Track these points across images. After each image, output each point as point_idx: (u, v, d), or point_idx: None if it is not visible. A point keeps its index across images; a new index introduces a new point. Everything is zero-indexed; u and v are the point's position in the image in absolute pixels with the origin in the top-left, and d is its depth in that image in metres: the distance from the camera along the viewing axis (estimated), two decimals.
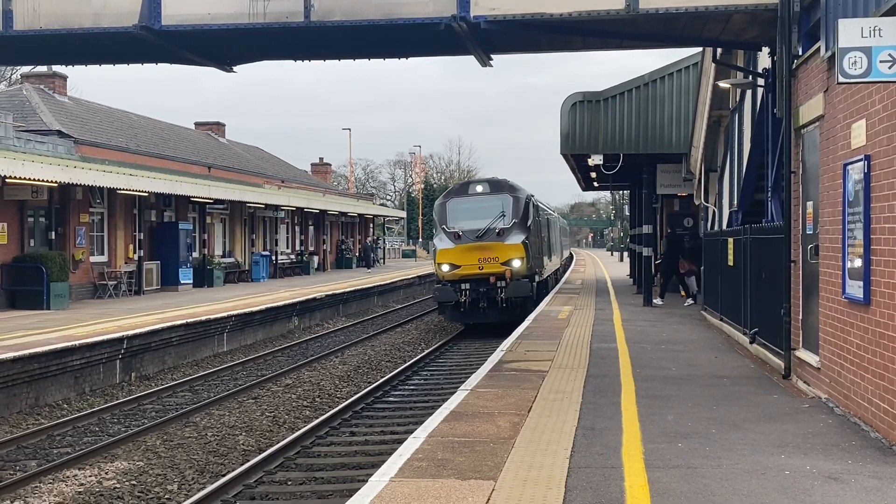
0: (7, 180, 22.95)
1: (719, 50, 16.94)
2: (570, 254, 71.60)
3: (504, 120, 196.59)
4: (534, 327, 17.50)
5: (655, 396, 10.14)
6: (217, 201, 34.80)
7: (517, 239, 23.79)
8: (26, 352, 15.18)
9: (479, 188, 25.07)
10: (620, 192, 61.04)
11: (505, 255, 23.52)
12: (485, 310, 23.68)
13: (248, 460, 11.34)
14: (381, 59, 15.07)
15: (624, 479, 6.70)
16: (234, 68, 15.33)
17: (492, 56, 14.10)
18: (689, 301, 24.08)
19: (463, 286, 23.42)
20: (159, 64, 15.49)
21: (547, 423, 8.58)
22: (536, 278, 25.60)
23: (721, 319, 17.38)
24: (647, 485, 6.54)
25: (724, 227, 19.45)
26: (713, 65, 18.26)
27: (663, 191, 27.22)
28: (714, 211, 22.55)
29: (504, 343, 14.85)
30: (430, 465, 7.10)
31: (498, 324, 23.74)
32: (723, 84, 17.67)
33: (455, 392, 10.61)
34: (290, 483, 10.54)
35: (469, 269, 23.53)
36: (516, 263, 23.54)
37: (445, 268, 23.73)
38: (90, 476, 11.23)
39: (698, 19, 12.51)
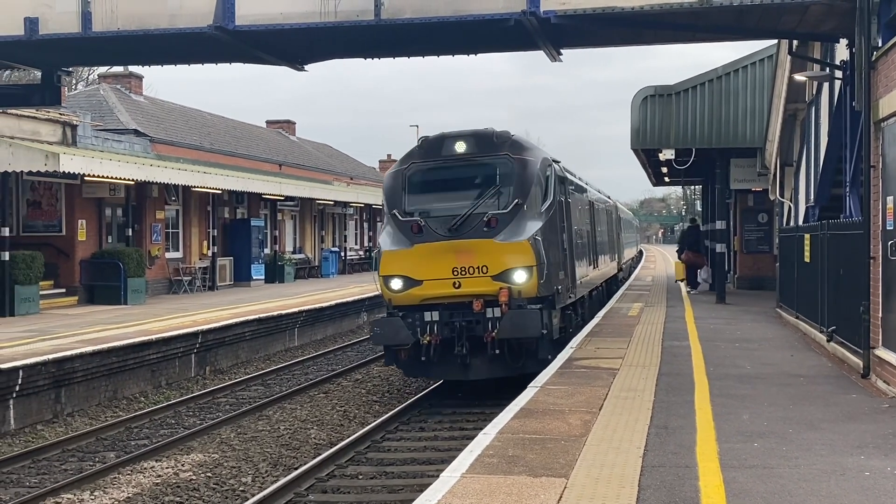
0: (86, 178, 23.56)
1: (795, 42, 16.59)
2: (640, 250, 70.65)
3: (573, 115, 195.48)
4: (603, 324, 17.35)
5: (730, 395, 9.98)
6: (288, 198, 35.23)
7: (523, 233, 13.73)
8: (105, 346, 15.57)
9: (459, 145, 14.50)
10: (692, 187, 60.15)
11: (499, 261, 13.58)
12: (465, 358, 13.70)
13: (320, 454, 11.46)
14: (450, 56, 15.08)
15: (698, 478, 6.61)
16: (306, 67, 15.50)
17: (561, 51, 14.02)
18: (691, 290, 26.83)
19: (427, 316, 13.75)
20: (232, 63, 15.74)
21: (619, 422, 8.50)
22: (560, 301, 14.87)
23: (797, 317, 17.02)
24: (723, 484, 6.44)
25: (801, 222, 19.04)
26: (789, 57, 17.90)
27: (737, 185, 26.76)
28: (789, 206, 22.11)
29: (574, 340, 14.76)
30: (501, 461, 7.09)
31: (490, 382, 14.52)
32: (799, 77, 17.30)
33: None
34: (361, 477, 10.63)
35: (436, 286, 13.70)
36: (520, 277, 13.58)
37: (396, 284, 13.89)
38: (167, 468, 11.47)
39: (773, 11, 12.28)
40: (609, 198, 30.16)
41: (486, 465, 7.00)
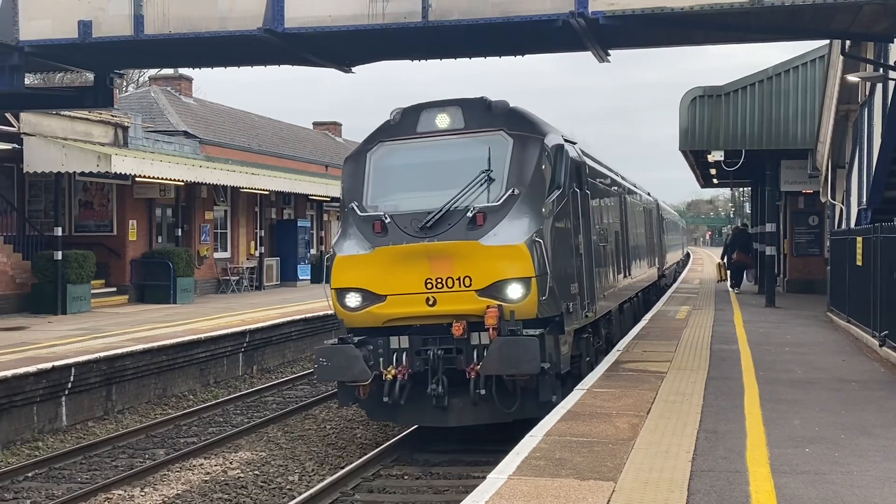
0: (137, 179, 23.91)
1: (848, 42, 16.32)
2: (688, 252, 69.90)
3: (619, 116, 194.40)
4: (650, 327, 17.21)
5: (780, 400, 9.85)
6: (334, 199, 35.43)
7: (519, 233, 10.61)
8: (155, 344, 15.78)
9: (441, 118, 11.58)
10: (741, 189, 59.46)
11: (487, 270, 10.54)
12: (441, 398, 10.72)
13: (366, 454, 11.51)
14: (497, 57, 15.05)
15: (749, 483, 6.53)
16: (353, 69, 15.57)
17: (609, 52, 13.93)
18: (736, 289, 27.16)
19: (393, 343, 10.85)
20: (281, 66, 15.86)
21: (667, 425, 8.43)
22: (572, 321, 11.60)
23: (848, 321, 16.75)
24: (774, 490, 6.36)
25: (853, 225, 18.73)
26: (841, 58, 17.61)
27: (787, 188, 26.39)
28: (841, 208, 21.76)
29: (620, 343, 14.66)
30: (548, 463, 7.06)
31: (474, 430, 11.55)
32: (851, 77, 17.02)
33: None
34: (406, 478, 10.66)
35: (404, 303, 10.75)
36: (514, 291, 10.52)
37: (352, 300, 10.94)
38: (215, 465, 11.60)
39: (826, 11, 12.09)
40: (649, 194, 26.56)
41: (533, 467, 6.98)
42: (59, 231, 21.99)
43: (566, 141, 12.35)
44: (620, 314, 17.04)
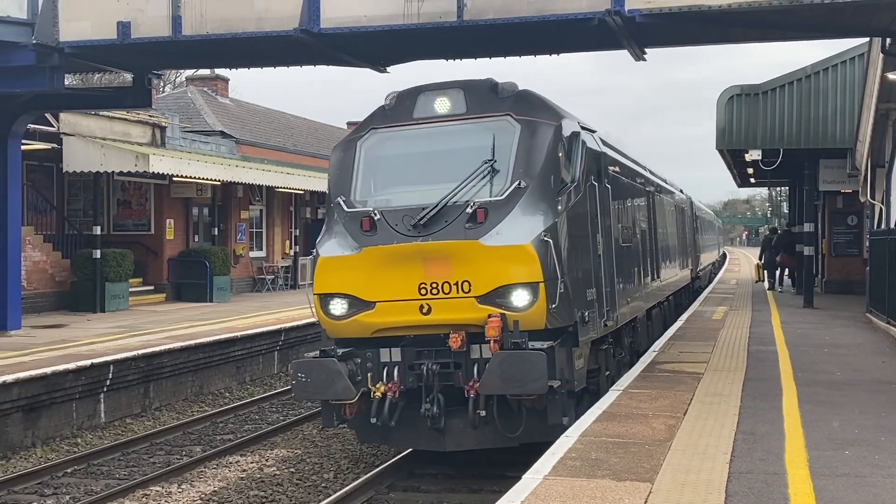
0: (174, 179, 24.15)
1: (888, 40, 16.08)
2: (724, 253, 69.23)
3: (655, 115, 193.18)
4: (687, 328, 17.08)
5: (819, 402, 9.74)
6: None
7: (525, 232, 9.44)
8: (192, 342, 15.93)
9: (441, 102, 10.43)
10: (778, 188, 58.84)
11: (488, 273, 9.38)
12: (436, 419, 9.52)
13: (400, 452, 11.52)
14: (532, 56, 15.01)
15: (787, 486, 6.46)
16: (387, 69, 15.60)
17: (646, 50, 13.84)
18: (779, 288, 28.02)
19: (384, 356, 9.76)
20: (316, 66, 15.93)
21: (704, 427, 8.36)
22: (588, 331, 10.32)
23: (888, 322, 16.52)
24: (813, 493, 6.29)
25: (892, 225, 18.47)
26: (881, 56, 17.35)
27: (826, 187, 26.08)
28: (881, 208, 21.45)
29: (656, 343, 14.56)
30: (583, 464, 7.03)
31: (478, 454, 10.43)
32: (892, 76, 16.77)
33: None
34: (440, 477, 10.66)
35: (396, 311, 9.62)
36: (519, 298, 9.35)
37: (337, 307, 9.81)
38: (251, 462, 11.68)
39: (867, 8, 11.93)
40: (682, 191, 25.29)
41: (569, 467, 6.95)
42: (97, 230, 22.27)
43: (583, 128, 11.01)
44: (648, 321, 15.66)
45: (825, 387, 10.71)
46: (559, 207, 9.73)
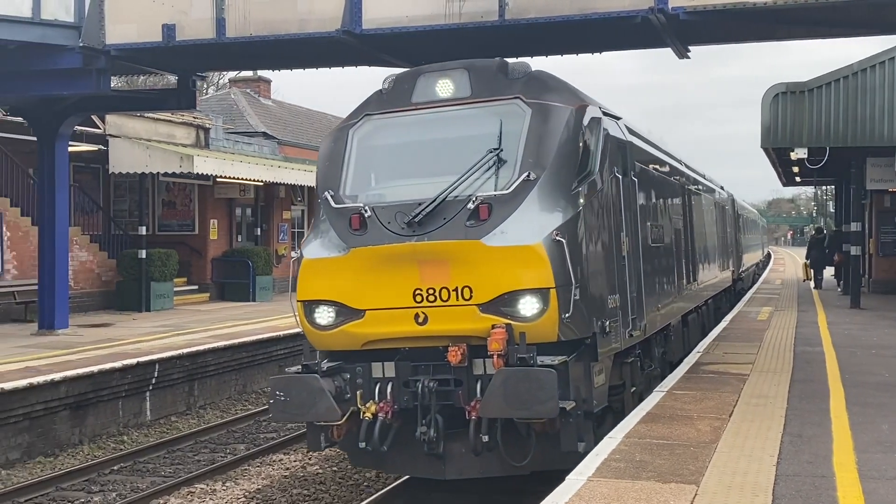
0: (218, 179, 24.38)
1: None
2: (769, 253, 68.40)
3: (698, 113, 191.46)
4: (731, 328, 16.90)
5: (867, 404, 9.58)
6: None
7: (534, 230, 8.32)
8: (236, 341, 16.07)
9: (444, 84, 9.49)
10: (824, 187, 58.01)
11: (492, 278, 8.26)
12: (433, 444, 8.42)
13: None
14: (574, 55, 14.94)
15: (836, 489, 6.36)
16: None
17: (689, 48, 13.71)
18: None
19: (376, 370, 8.72)
20: (358, 66, 15.99)
21: (750, 429, 8.26)
22: (610, 342, 9.11)
23: None
24: (862, 496, 6.18)
25: None
26: None
27: (873, 186, 25.63)
28: None
29: (700, 345, 14.42)
30: (628, 465, 6.98)
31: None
32: None
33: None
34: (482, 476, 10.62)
35: (388, 320, 8.54)
36: (527, 307, 8.22)
37: (323, 316, 8.76)
38: (294, 461, 11.75)
39: None
40: (722, 188, 23.83)
41: (613, 469, 6.90)
42: (143, 230, 22.57)
43: (605, 114, 9.89)
44: (684, 327, 14.46)
45: (873, 388, 10.54)
46: (575, 202, 8.61)
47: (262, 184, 25.47)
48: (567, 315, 8.18)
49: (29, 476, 11.24)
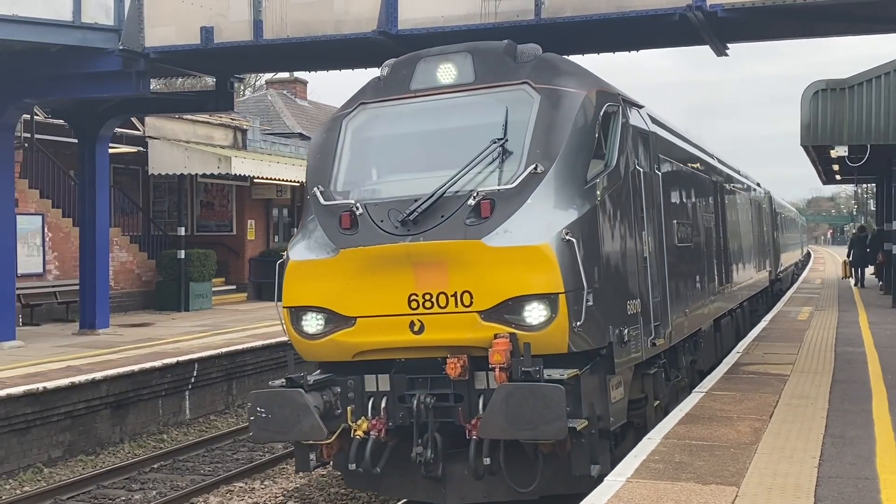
0: (255, 180, 24.55)
1: None
2: (808, 252, 67.54)
3: (735, 111, 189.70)
4: (771, 328, 16.72)
5: None
6: None
7: (541, 228, 7.53)
8: (273, 340, 16.16)
9: (445, 70, 8.62)
10: (865, 185, 57.25)
11: (494, 282, 7.50)
12: (431, 466, 7.70)
13: None
14: (611, 53, 14.87)
15: (879, 491, 6.27)
16: None
17: (728, 45, 13.59)
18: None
19: (369, 384, 8.00)
20: None
21: (791, 430, 8.17)
22: (629, 352, 8.37)
23: None
24: None
25: None
26: None
27: None
28: None
29: (739, 345, 14.28)
30: (667, 467, 6.93)
31: None
32: None
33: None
34: None
35: (381, 328, 7.83)
36: (533, 314, 7.46)
37: (311, 324, 8.11)
38: None
39: None
40: (759, 185, 22.83)
41: (652, 470, 6.86)
42: (181, 231, 22.79)
43: (626, 101, 9.08)
44: (716, 332, 13.74)
45: None
46: (589, 198, 7.86)
47: (298, 184, 25.59)
48: (578, 323, 7.42)
49: (71, 474, 11.39)
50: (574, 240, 7.41)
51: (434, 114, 8.58)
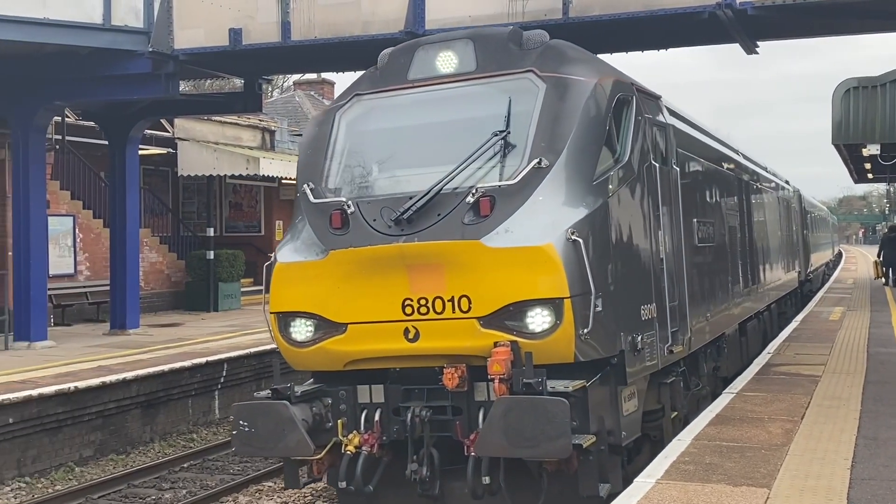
0: (283, 181, 24.65)
1: None
2: (840, 252, 66.87)
3: (767, 109, 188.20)
4: (802, 329, 16.56)
5: None
6: None
7: (546, 226, 6.99)
8: None
9: (445, 58, 8.11)
10: None
11: (494, 285, 6.98)
12: (427, 484, 7.17)
13: None
14: (639, 52, 14.79)
15: None
16: None
17: (758, 43, 13.49)
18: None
19: (362, 395, 7.50)
20: None
21: (823, 431, 8.08)
22: (644, 360, 7.82)
23: None
24: None
25: None
26: None
27: None
28: None
29: (770, 345, 14.15)
30: (697, 468, 6.87)
31: None
32: None
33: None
34: None
35: (373, 336, 7.29)
36: (536, 321, 6.94)
37: (300, 331, 7.59)
38: None
39: None
40: (787, 183, 22.26)
41: (682, 471, 6.80)
42: (210, 231, 22.93)
43: (640, 92, 8.54)
44: (742, 336, 13.16)
45: None
46: (597, 194, 7.31)
47: None
48: (586, 330, 6.86)
49: (102, 473, 11.49)
50: (581, 240, 6.91)
51: (432, 105, 8.07)
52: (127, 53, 14.66)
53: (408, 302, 7.13)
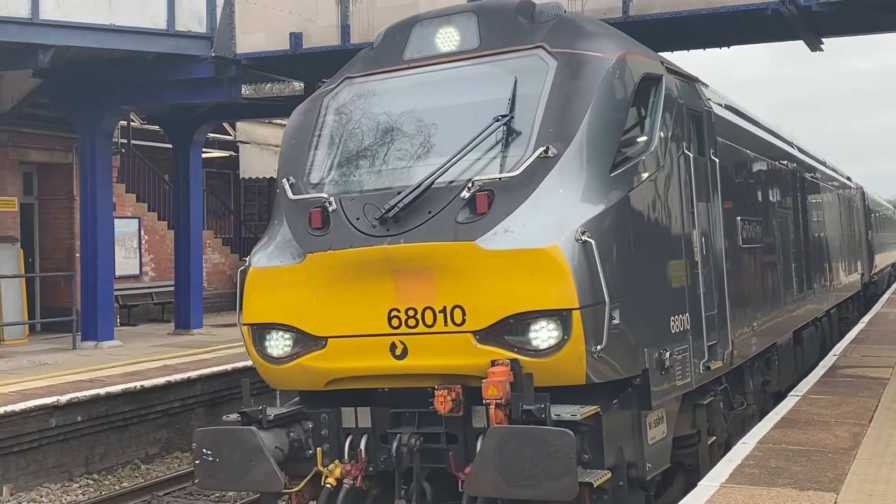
0: None
1: None
2: None
3: (832, 106, 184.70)
4: (869, 330, 16.21)
5: None
6: None
7: (551, 225, 5.92)
8: None
9: (446, 34, 7.08)
10: None
11: (492, 294, 5.92)
12: None
13: None
14: (701, 50, 14.62)
15: None
16: None
17: (822, 40, 13.25)
18: None
19: (346, 418, 6.52)
20: None
21: (892, 435, 7.90)
22: (673, 379, 6.74)
23: None
24: None
25: None
26: None
27: None
28: None
29: (836, 347, 13.88)
30: (762, 472, 6.77)
31: None
32: None
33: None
34: None
35: (356, 352, 6.32)
36: (540, 336, 5.88)
37: (276, 345, 6.69)
38: None
39: None
40: (849, 179, 20.72)
41: (747, 475, 6.71)
42: None
43: (672, 72, 7.49)
44: (797, 346, 12.05)
45: None
46: (616, 188, 6.29)
47: None
48: (599, 347, 5.85)
49: (167, 471, 11.69)
50: (593, 241, 5.88)
51: (428, 88, 7.07)
52: (191, 58, 14.92)
53: (394, 313, 6.20)
